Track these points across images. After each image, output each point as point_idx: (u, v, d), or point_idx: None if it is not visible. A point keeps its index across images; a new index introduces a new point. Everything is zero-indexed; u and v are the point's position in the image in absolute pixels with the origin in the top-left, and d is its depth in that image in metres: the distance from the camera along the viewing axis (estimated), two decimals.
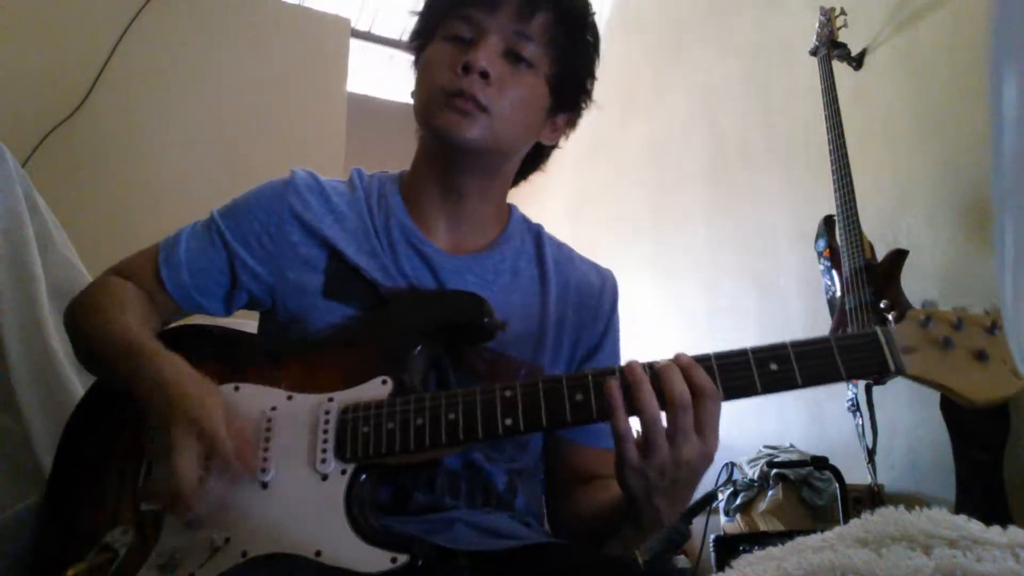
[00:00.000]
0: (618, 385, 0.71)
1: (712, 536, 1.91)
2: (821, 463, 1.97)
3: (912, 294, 1.88)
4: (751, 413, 2.58)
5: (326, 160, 2.42)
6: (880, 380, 1.84)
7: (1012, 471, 1.74)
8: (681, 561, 2.23)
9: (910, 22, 2.21)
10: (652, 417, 0.70)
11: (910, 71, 2.20)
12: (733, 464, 2.27)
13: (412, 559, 0.70)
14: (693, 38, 3.27)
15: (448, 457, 0.85)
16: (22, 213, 1.21)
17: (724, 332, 2.82)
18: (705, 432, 0.70)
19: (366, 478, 0.77)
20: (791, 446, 2.31)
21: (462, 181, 0.96)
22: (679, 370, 0.71)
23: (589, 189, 3.95)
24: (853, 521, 0.56)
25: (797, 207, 2.54)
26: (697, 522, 2.11)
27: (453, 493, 0.86)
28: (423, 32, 0.98)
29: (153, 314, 0.93)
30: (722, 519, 2.19)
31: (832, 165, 2.03)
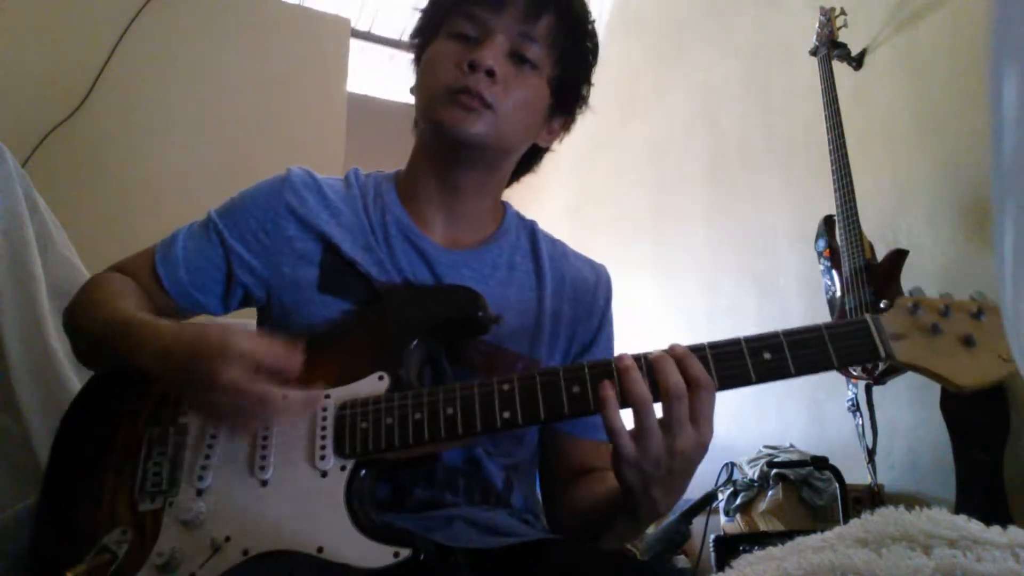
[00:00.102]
0: (612, 384, 0.72)
1: (712, 536, 1.91)
2: (821, 463, 1.97)
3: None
4: (751, 413, 2.58)
5: (326, 160, 2.42)
6: (881, 380, 1.84)
7: (1012, 471, 1.74)
8: (681, 561, 2.23)
9: (910, 22, 2.21)
10: (644, 403, 0.71)
11: (910, 71, 2.20)
12: (733, 464, 2.27)
13: (414, 554, 0.69)
14: (693, 38, 3.27)
15: (447, 453, 0.85)
16: (22, 213, 1.21)
17: (724, 332, 2.77)
18: (700, 422, 0.71)
19: (366, 473, 0.77)
20: (791, 446, 2.31)
21: (460, 177, 0.97)
22: (673, 361, 0.72)
23: (589, 189, 3.95)
24: (853, 521, 0.56)
25: (797, 207, 2.54)
26: (697, 522, 2.11)
27: (452, 489, 0.86)
28: (426, 29, 0.99)
29: (152, 309, 0.92)
30: (722, 519, 2.19)
31: (832, 165, 2.03)
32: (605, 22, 3.97)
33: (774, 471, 2.05)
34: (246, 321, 1.05)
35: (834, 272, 2.02)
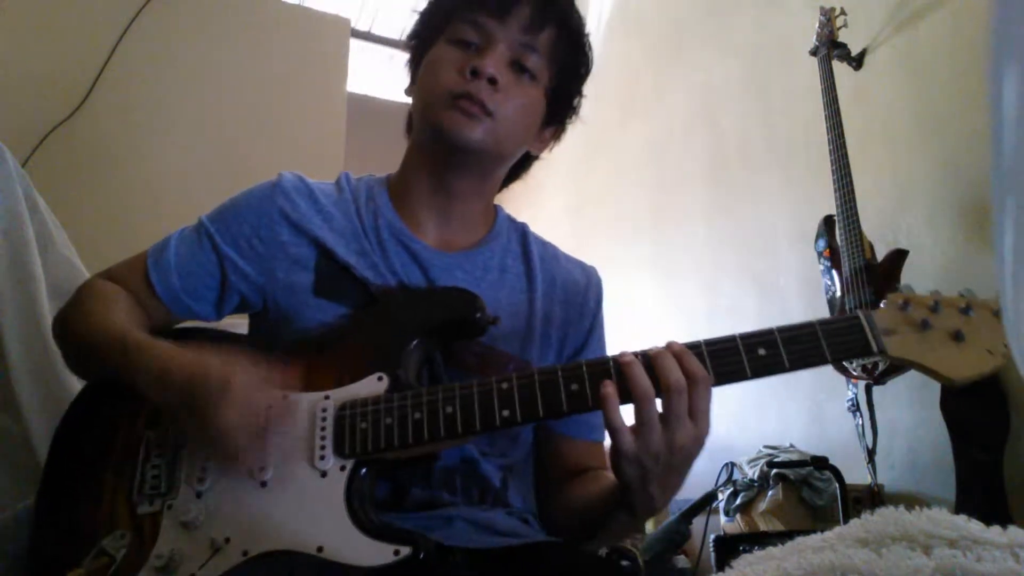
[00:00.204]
0: (613, 382, 0.73)
1: (712, 536, 1.91)
2: (821, 463, 1.97)
3: None
4: (751, 413, 2.58)
5: (326, 160, 2.42)
6: (881, 380, 1.84)
7: (1012, 471, 1.74)
8: (681, 561, 2.23)
9: (910, 22, 2.21)
10: (646, 396, 0.72)
11: (910, 71, 2.20)
12: (733, 464, 2.27)
13: (414, 552, 0.70)
14: (693, 38, 3.27)
15: (444, 453, 0.85)
16: (22, 213, 1.21)
17: (724, 332, 2.77)
18: (697, 416, 0.73)
19: (365, 473, 0.77)
20: (791, 446, 2.31)
21: (455, 181, 0.98)
22: (672, 357, 0.73)
23: (589, 189, 3.95)
24: (853, 521, 0.56)
25: (797, 207, 2.54)
26: (697, 522, 2.11)
27: (449, 489, 0.87)
28: (426, 32, 0.99)
29: (143, 317, 0.92)
30: (722, 519, 2.19)
31: (832, 165, 2.03)
32: (605, 22, 3.97)
33: (774, 471, 2.05)
34: (237, 320, 1.04)
35: (834, 272, 2.02)
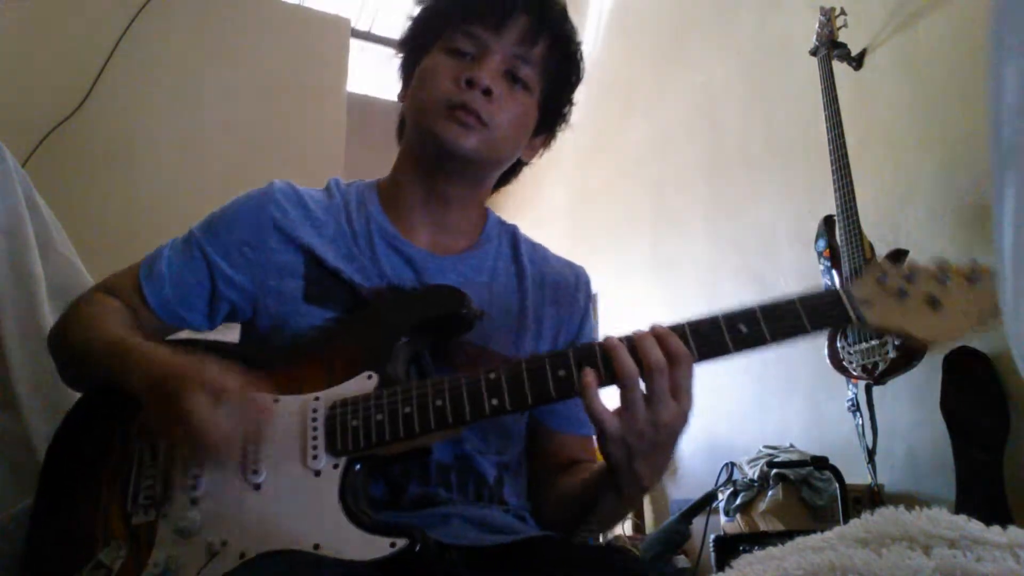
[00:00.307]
0: (594, 372, 0.75)
1: (712, 536, 1.92)
2: (821, 463, 1.97)
3: None
4: (751, 413, 2.58)
5: (326, 160, 2.42)
6: (881, 380, 1.84)
7: (1012, 471, 1.74)
8: (681, 561, 2.23)
9: (910, 22, 2.21)
10: (631, 378, 0.74)
11: (910, 71, 2.20)
12: (733, 464, 2.27)
13: (411, 543, 0.70)
14: (693, 38, 3.27)
15: (439, 451, 0.86)
16: (22, 213, 1.21)
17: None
18: (680, 395, 0.75)
19: (359, 470, 0.78)
20: (791, 446, 2.31)
21: (448, 188, 0.99)
22: (654, 338, 0.75)
23: (589, 189, 3.95)
24: (853, 521, 0.56)
25: (797, 207, 2.54)
26: (697, 522, 2.11)
27: (445, 486, 0.87)
28: (419, 40, 1.01)
29: (136, 327, 0.93)
30: (722, 519, 2.19)
31: (832, 165, 2.03)
32: (605, 22, 3.97)
33: (774, 471, 2.05)
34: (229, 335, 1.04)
35: (834, 272, 2.02)
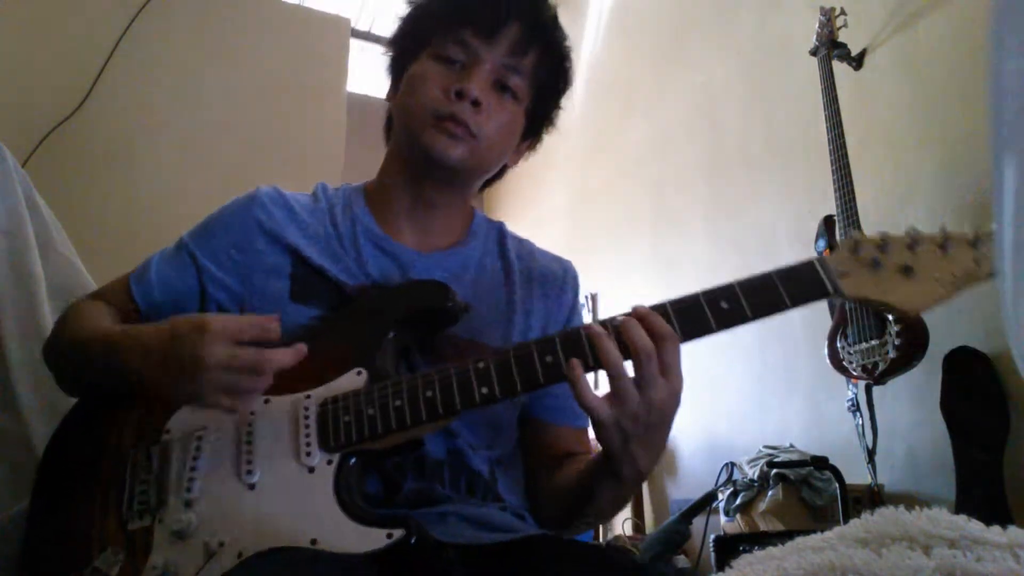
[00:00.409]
0: (580, 363, 0.75)
1: (712, 536, 1.91)
2: (821, 463, 1.97)
3: None
4: (751, 413, 2.58)
5: (326, 160, 2.42)
6: (881, 380, 1.84)
7: (1012, 471, 1.74)
8: (681, 561, 2.23)
9: (910, 22, 2.21)
10: (618, 365, 0.74)
11: (910, 71, 2.20)
12: (733, 464, 2.27)
13: (407, 533, 0.70)
14: (693, 38, 3.27)
15: (431, 446, 0.86)
16: (22, 213, 1.21)
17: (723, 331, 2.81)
18: (669, 374, 0.75)
19: (353, 464, 0.78)
20: (791, 446, 2.31)
21: (435, 194, 1.00)
22: (638, 321, 0.75)
23: (589, 189, 3.95)
24: (853, 521, 0.56)
25: (797, 207, 2.54)
26: (697, 522, 2.11)
27: (440, 481, 0.87)
28: (409, 42, 1.01)
29: None
30: (722, 519, 2.19)
31: (832, 165, 2.03)
32: (605, 22, 3.97)
33: (774, 471, 2.05)
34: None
35: None
